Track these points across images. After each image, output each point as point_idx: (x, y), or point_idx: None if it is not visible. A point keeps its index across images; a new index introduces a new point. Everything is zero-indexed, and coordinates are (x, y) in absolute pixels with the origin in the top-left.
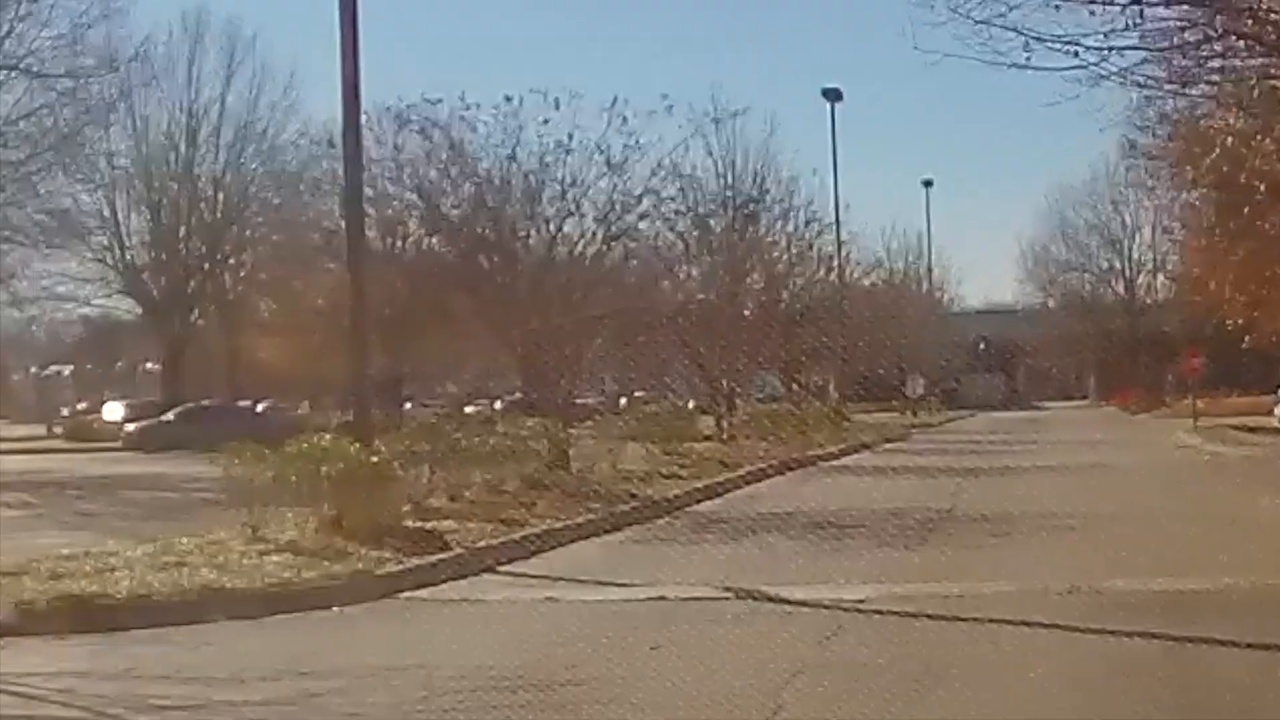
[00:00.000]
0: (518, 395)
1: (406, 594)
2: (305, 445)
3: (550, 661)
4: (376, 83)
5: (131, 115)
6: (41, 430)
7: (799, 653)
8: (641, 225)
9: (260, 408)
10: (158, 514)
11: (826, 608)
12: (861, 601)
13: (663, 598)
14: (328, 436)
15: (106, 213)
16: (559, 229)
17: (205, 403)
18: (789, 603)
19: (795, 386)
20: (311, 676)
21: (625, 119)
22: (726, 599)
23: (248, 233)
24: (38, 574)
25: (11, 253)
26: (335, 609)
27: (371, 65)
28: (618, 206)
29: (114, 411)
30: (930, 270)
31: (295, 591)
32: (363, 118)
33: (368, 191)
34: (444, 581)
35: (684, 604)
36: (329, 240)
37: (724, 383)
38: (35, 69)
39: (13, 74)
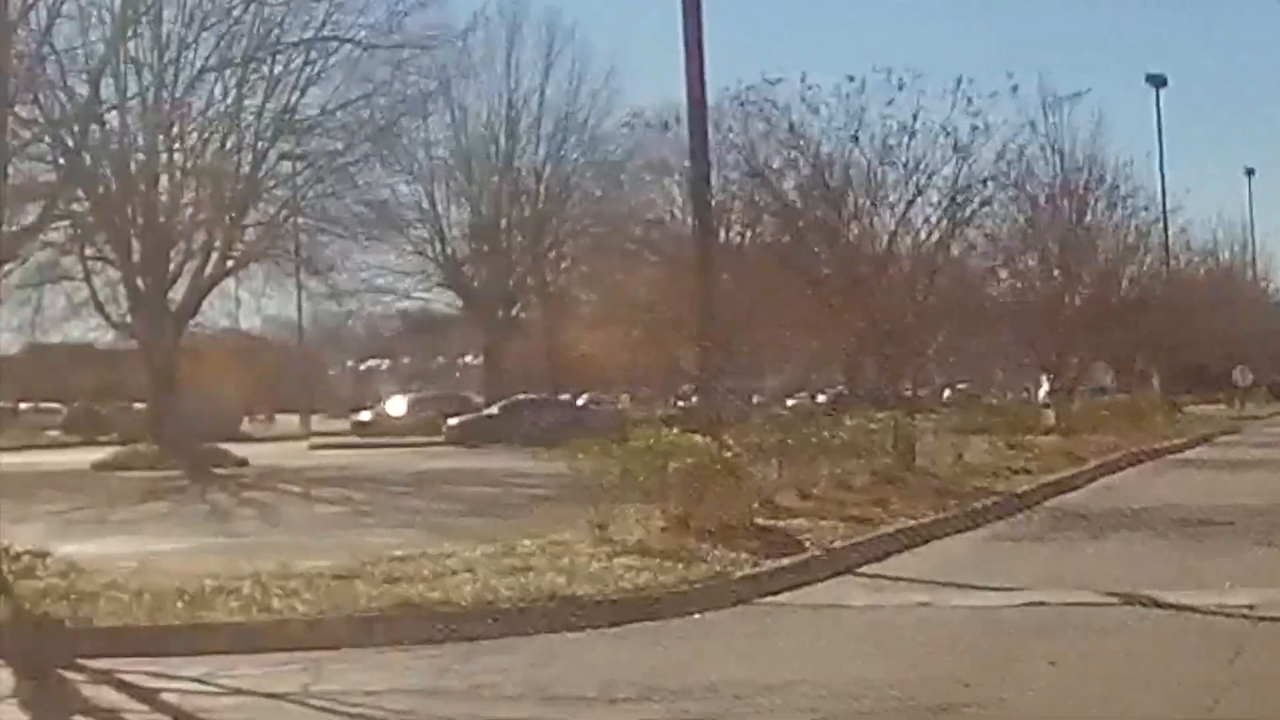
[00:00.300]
0: (840, 389)
1: (766, 599)
2: (651, 439)
3: (940, 678)
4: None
5: (450, 106)
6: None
7: (1212, 671)
8: (983, 212)
9: (580, 401)
10: (484, 510)
11: (1220, 615)
12: (1251, 608)
13: (1043, 603)
14: (674, 430)
15: (425, 205)
16: (903, 215)
17: (526, 396)
18: (1177, 609)
19: (1124, 377)
20: (683, 695)
21: (970, 100)
22: (1111, 605)
23: (568, 225)
24: (371, 577)
25: (330, 245)
26: (694, 616)
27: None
28: (962, 193)
29: (397, 406)
30: (1255, 261)
31: (650, 597)
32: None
33: None
34: (803, 585)
35: (1066, 610)
36: (649, 231)
37: (1063, 374)
38: (356, 53)
39: (330, 62)
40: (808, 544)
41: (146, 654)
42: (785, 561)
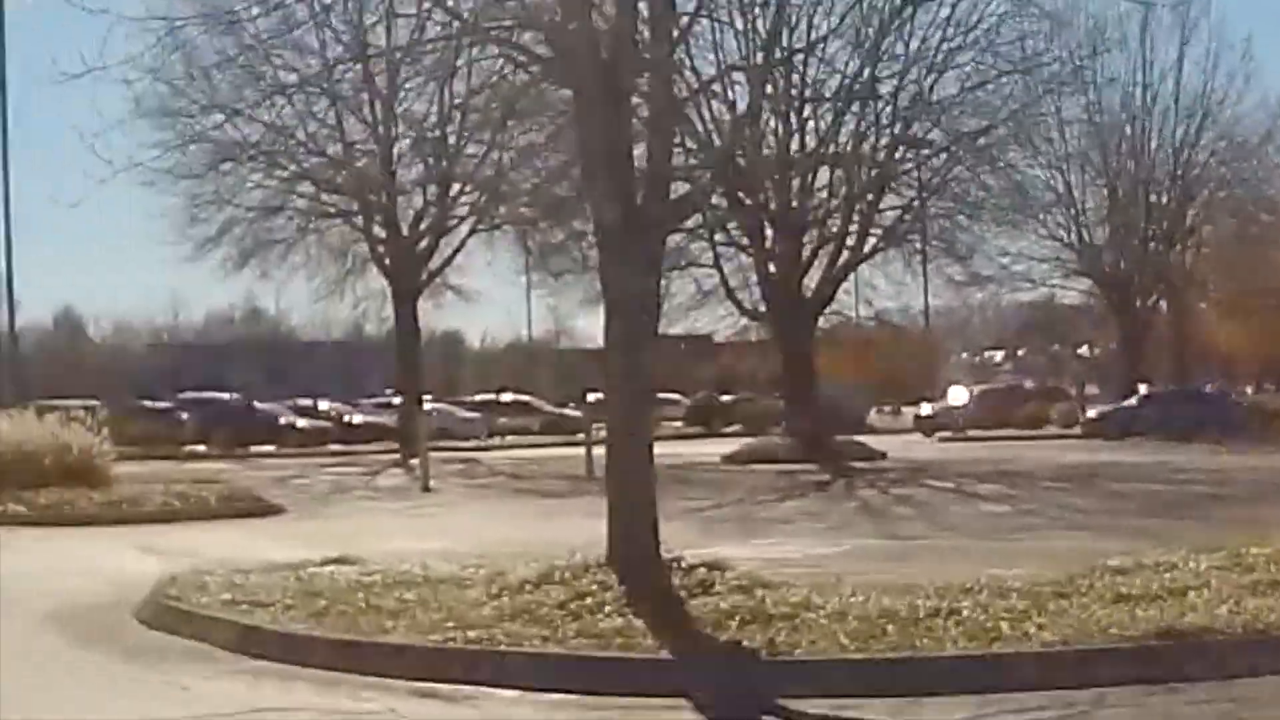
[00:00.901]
0: None
1: None
2: None
3: None
4: None
5: (1085, 87)
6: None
7: None
8: None
9: (1205, 390)
10: (1156, 510)
11: None
12: None
13: None
14: None
15: (1060, 188)
16: None
17: (1164, 387)
18: None
19: None
20: None
21: None
22: None
23: (1203, 211)
24: (1096, 594)
25: (968, 228)
26: None
27: None
28: None
29: (958, 396)
30: None
31: None
32: None
33: None
34: None
35: None
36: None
37: None
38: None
39: (968, 39)
40: None
41: (856, 694)
42: None
